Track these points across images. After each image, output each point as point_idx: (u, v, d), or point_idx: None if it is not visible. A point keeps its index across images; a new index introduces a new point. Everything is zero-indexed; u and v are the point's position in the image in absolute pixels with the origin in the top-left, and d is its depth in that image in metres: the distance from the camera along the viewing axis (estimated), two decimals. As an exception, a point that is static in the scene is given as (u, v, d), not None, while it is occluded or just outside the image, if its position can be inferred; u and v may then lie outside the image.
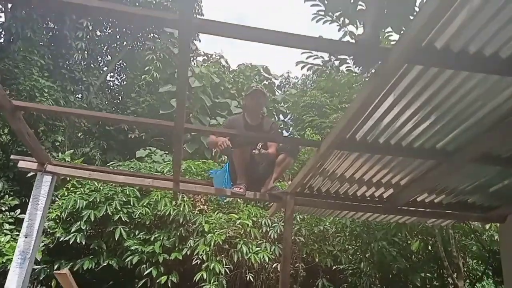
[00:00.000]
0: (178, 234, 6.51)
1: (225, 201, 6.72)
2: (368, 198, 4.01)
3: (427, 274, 6.70)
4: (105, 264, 6.43)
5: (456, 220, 4.78)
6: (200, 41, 11.17)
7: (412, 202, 4.02)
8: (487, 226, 6.27)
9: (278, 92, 11.83)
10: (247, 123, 3.81)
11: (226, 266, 6.10)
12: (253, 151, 3.54)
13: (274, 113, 11.06)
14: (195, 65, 9.42)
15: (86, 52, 10.43)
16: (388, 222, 5.08)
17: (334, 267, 6.62)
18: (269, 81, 11.51)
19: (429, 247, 6.78)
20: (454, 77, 2.27)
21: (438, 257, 6.54)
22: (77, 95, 9.74)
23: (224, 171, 3.81)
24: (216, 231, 6.28)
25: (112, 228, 6.54)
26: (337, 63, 6.01)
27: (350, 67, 5.94)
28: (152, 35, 10.69)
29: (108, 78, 11.91)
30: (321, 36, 5.99)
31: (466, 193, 3.96)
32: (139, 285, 6.32)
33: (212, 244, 6.09)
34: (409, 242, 6.82)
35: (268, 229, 6.66)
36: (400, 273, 6.64)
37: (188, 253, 6.28)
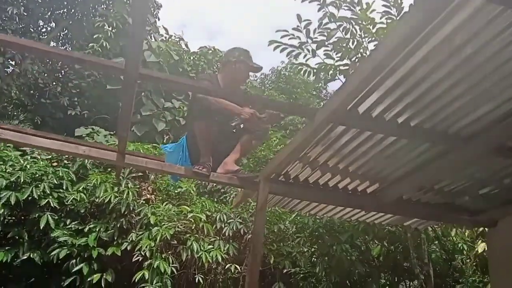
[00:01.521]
0: (118, 225, 5.60)
1: (177, 182, 5.91)
2: (350, 192, 3.44)
3: (387, 282, 6.33)
4: (25, 257, 5.37)
5: (441, 222, 4.38)
6: (159, 18, 10.20)
7: (397, 200, 3.51)
8: (453, 233, 6.01)
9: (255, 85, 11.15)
10: None
11: (173, 265, 5.30)
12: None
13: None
14: (153, 40, 8.48)
15: (24, 12, 9.07)
16: (361, 221, 4.57)
17: (292, 270, 6.03)
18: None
19: (390, 253, 6.42)
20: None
21: (399, 263, 6.19)
22: (8, 59, 8.36)
23: (180, 146, 3.05)
24: (164, 224, 5.45)
25: (37, 215, 5.49)
26: (314, 46, 5.52)
27: (328, 51, 5.45)
28: (105, 1, 9.54)
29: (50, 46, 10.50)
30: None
31: (454, 194, 3.53)
32: (65, 284, 5.33)
33: (158, 239, 5.27)
34: (370, 246, 6.42)
35: (223, 225, 5.95)
36: (360, 278, 6.21)
37: (128, 248, 5.39)
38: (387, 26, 4.80)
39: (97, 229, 5.55)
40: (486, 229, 5.21)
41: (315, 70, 5.52)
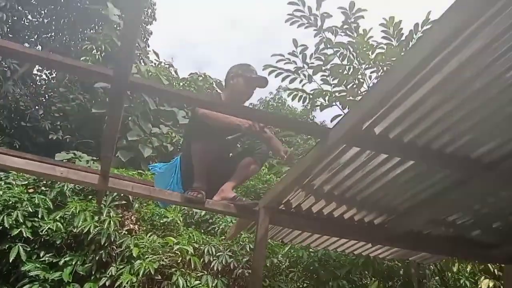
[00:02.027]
0: (97, 258, 5.13)
1: (166, 207, 5.51)
2: (356, 223, 3.15)
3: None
4: (-10, 293, 4.83)
5: (453, 257, 4.08)
6: (148, 45, 10.01)
7: (406, 233, 3.22)
8: (455, 268, 5.70)
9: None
10: None
11: (156, 303, 4.83)
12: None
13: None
14: (142, 64, 8.25)
15: (10, 34, 8.74)
16: (361, 255, 4.24)
17: (286, 308, 5.60)
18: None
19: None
20: None
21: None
22: (-11, 79, 8.00)
23: (172, 167, 2.74)
24: (148, 257, 5.01)
25: (7, 246, 4.99)
26: (310, 71, 5.37)
27: (325, 76, 5.30)
28: (94, 26, 9.31)
29: (35, 71, 10.13)
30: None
31: (467, 227, 3.27)
32: (34, 324, 4.78)
33: (140, 273, 4.81)
34: (367, 281, 6.05)
35: (211, 259, 5.52)
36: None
37: (107, 283, 4.91)
38: (386, 51, 4.69)
39: (73, 262, 5.06)
40: (494, 265, 4.99)
41: (311, 96, 5.34)
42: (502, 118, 2.06)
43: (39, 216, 5.29)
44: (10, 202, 5.20)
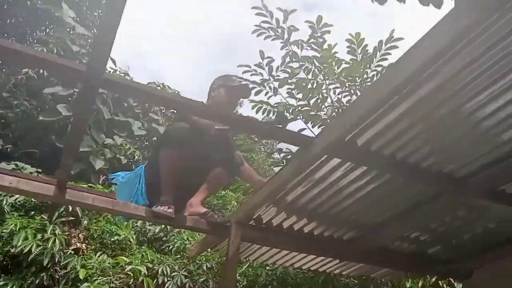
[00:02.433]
0: (37, 282, 4.61)
1: (127, 221, 5.14)
2: (326, 239, 3.09)
3: None
4: None
5: (412, 273, 4.13)
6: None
7: (372, 250, 3.21)
8: (408, 284, 5.82)
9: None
10: None
11: (105, 330, 4.42)
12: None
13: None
14: None
15: None
16: (322, 272, 4.18)
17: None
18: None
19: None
20: None
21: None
22: None
23: (136, 176, 2.53)
24: (96, 279, 4.60)
25: None
26: (276, 84, 5.35)
27: (291, 89, 5.29)
28: (45, 28, 8.68)
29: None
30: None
31: (427, 243, 3.34)
32: None
33: (88, 297, 4.40)
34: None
35: (166, 280, 5.21)
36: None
37: (49, 309, 4.44)
38: (352, 66, 4.78)
39: (8, 287, 4.53)
40: (443, 280, 5.14)
41: (275, 110, 5.31)
42: (472, 138, 2.12)
43: (-29, 234, 4.71)
44: None
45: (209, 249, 5.85)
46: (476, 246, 3.27)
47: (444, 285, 5.40)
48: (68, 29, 7.95)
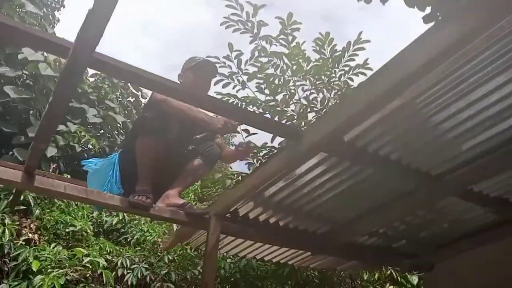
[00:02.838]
0: (-18, 274, 4.28)
1: (101, 211, 4.86)
2: (299, 232, 3.10)
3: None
4: None
5: (379, 266, 4.27)
6: (55, 32, 8.82)
7: (343, 244, 3.27)
8: (365, 277, 6.04)
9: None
10: None
11: (60, 326, 4.17)
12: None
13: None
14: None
15: None
16: (287, 265, 4.22)
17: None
18: (135, 98, 9.91)
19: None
20: None
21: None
22: None
23: (110, 164, 2.38)
24: (52, 272, 4.33)
25: None
26: (245, 77, 5.28)
27: (261, 83, 5.25)
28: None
29: None
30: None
31: (394, 238, 3.47)
32: None
33: (42, 290, 4.13)
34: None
35: (125, 272, 5.03)
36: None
37: (-4, 304, 4.11)
38: (321, 64, 4.82)
39: (-51, 280, 4.15)
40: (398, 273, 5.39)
41: (243, 103, 5.25)
42: (447, 139, 2.20)
43: None
44: None
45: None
46: (437, 241, 3.44)
47: (399, 278, 5.69)
48: (15, 7, 7.33)
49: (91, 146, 8.33)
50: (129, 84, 9.70)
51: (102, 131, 8.67)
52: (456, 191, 2.53)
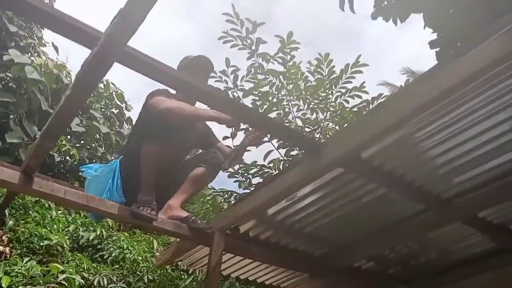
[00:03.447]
0: None
1: (99, 222, 4.57)
2: (299, 254, 3.00)
3: None
4: None
5: None
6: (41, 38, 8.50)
7: (338, 267, 3.18)
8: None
9: (126, 127, 10.02)
10: None
11: None
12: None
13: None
14: (36, 55, 6.95)
15: None
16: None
17: None
18: (119, 109, 9.68)
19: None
20: None
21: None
22: None
23: (110, 171, 2.23)
24: (23, 289, 4.01)
25: None
26: (240, 94, 5.24)
27: (256, 100, 5.21)
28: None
29: None
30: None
31: (390, 262, 3.41)
32: None
33: (11, 308, 3.81)
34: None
35: (103, 291, 4.74)
36: None
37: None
38: (317, 84, 4.84)
39: None
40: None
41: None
42: (459, 164, 2.20)
43: None
44: None
45: (152, 259, 5.47)
46: (434, 268, 3.39)
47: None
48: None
49: (68, 158, 8.02)
50: (114, 95, 9.51)
51: (83, 141, 8.38)
52: (463, 216, 2.50)
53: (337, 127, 4.71)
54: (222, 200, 4.60)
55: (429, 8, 2.68)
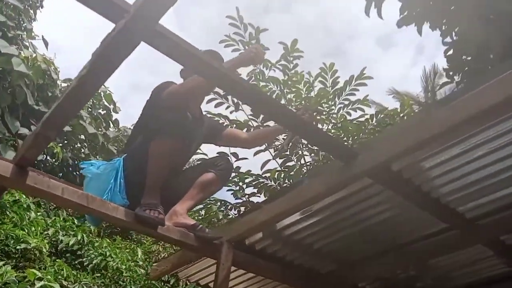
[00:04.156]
0: None
1: (97, 225, 4.24)
2: (305, 271, 2.80)
3: None
4: None
5: None
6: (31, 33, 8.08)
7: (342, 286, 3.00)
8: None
9: (112, 129, 9.69)
10: None
11: None
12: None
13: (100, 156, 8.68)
14: (24, 47, 6.59)
15: None
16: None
17: None
18: (106, 111, 9.36)
19: None
20: None
21: None
22: None
23: (113, 169, 2.00)
24: (-5, 296, 3.67)
25: None
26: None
27: (253, 116, 5.02)
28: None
29: None
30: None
31: (397, 283, 3.24)
32: None
33: (-20, 318, 3.46)
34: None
35: (81, 301, 4.41)
36: None
37: None
38: (320, 94, 4.71)
39: None
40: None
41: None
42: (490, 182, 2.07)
43: None
44: None
45: (136, 268, 5.17)
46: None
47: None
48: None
49: (49, 158, 7.65)
50: (102, 95, 9.20)
51: (66, 141, 8.03)
52: (486, 238, 2.36)
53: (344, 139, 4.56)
54: (217, 210, 4.38)
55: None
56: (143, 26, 1.12)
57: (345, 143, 4.38)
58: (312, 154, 5.04)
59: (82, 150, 8.53)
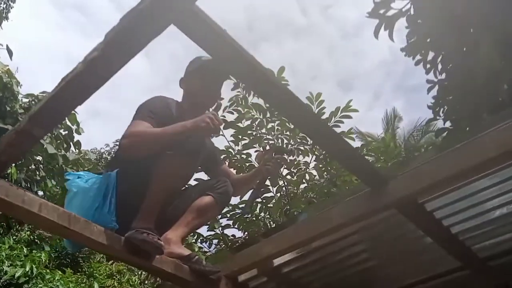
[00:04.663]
0: None
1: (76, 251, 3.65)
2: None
3: None
4: None
5: None
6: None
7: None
8: None
9: (73, 151, 9.05)
10: None
11: None
12: None
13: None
14: None
15: None
16: None
17: None
18: (68, 131, 8.76)
19: None
20: None
21: None
22: None
23: (102, 185, 1.69)
24: None
25: None
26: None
27: (237, 134, 4.85)
28: None
29: None
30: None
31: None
32: None
33: None
34: None
35: None
36: None
37: None
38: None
39: None
40: None
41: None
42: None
43: None
44: None
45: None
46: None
47: None
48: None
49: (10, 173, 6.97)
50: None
51: (21, 160, 7.37)
52: (497, 281, 2.22)
53: (325, 172, 4.43)
54: (192, 242, 4.04)
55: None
56: (178, 5, 0.91)
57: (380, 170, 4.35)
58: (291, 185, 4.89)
59: (37, 172, 7.88)
